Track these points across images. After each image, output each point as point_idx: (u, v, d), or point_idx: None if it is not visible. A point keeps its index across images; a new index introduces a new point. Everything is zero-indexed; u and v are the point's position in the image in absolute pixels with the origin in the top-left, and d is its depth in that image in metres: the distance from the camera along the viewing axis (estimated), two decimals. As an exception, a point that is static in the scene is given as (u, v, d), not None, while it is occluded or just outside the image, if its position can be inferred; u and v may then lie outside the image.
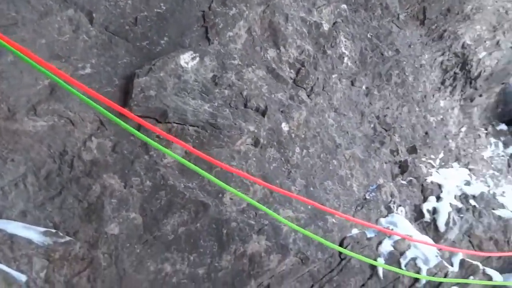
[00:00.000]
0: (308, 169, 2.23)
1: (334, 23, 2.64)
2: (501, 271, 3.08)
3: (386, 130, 2.85)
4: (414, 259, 2.13)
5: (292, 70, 2.35)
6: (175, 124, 1.87)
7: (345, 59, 2.63)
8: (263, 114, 2.13)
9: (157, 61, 1.88)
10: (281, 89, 2.26)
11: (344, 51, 2.64)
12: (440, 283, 2.10)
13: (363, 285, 2.01)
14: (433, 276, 2.06)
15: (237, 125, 2.01)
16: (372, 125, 2.77)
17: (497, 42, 4.36)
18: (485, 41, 4.29)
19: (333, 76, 2.53)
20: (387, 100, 2.97)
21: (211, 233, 1.82)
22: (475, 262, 2.85)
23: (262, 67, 2.21)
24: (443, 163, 3.40)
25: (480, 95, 4.54)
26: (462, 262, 2.77)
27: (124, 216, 1.70)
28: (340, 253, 2.06)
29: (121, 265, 1.66)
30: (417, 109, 3.48)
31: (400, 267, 2.08)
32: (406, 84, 3.28)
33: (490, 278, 2.89)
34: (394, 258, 2.09)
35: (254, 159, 2.06)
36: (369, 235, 2.17)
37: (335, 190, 2.28)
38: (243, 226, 1.87)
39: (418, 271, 2.09)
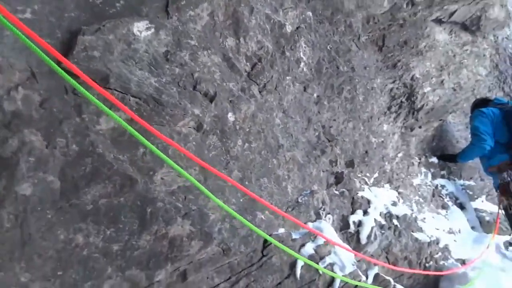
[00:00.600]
0: (247, 163, 2.23)
1: (297, 28, 2.68)
2: (410, 288, 3.30)
3: (329, 141, 2.94)
4: (332, 264, 2.21)
5: (248, 63, 2.34)
6: (115, 91, 1.77)
7: (302, 64, 2.69)
8: (211, 100, 2.10)
9: (108, 23, 1.78)
10: (234, 79, 2.24)
11: (302, 56, 2.69)
12: (351, 290, 2.20)
13: (279, 283, 2.03)
14: (345, 284, 2.15)
15: (182, 105, 1.95)
16: (317, 133, 2.84)
17: (442, 81, 4.72)
18: (431, 78, 4.63)
19: (288, 78, 2.57)
20: (335, 113, 3.07)
21: (134, 210, 1.74)
22: (388, 277, 3.02)
23: (218, 53, 2.18)
24: (376, 182, 3.59)
25: (420, 127, 4.87)
26: (376, 276, 2.93)
27: (41, 178, 1.57)
28: (262, 249, 2.07)
29: (27, 229, 1.53)
30: (361, 127, 3.64)
31: (317, 270, 2.14)
32: (355, 101, 3.43)
33: (399, 293, 3.08)
34: (313, 261, 2.14)
35: (194, 143, 2.01)
36: (294, 237, 2.22)
37: (269, 188, 2.30)
38: (170, 208, 1.81)
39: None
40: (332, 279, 2.16)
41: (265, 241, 2.10)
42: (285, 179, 2.42)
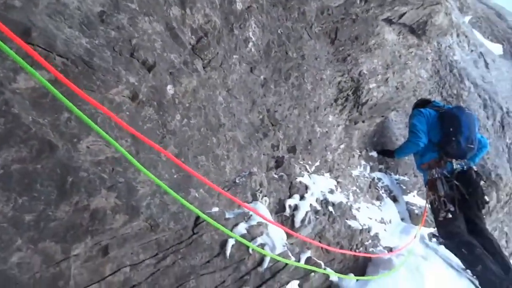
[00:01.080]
0: (185, 139, 2.16)
1: (248, 7, 2.63)
2: (340, 273, 3.45)
3: (272, 125, 2.95)
4: (263, 245, 2.23)
5: (193, 36, 2.26)
6: (38, 48, 1.61)
7: (250, 44, 2.65)
8: (149, 69, 1.99)
9: (34, -30, 1.60)
10: (176, 51, 2.15)
11: (251, 36, 2.65)
12: (279, 270, 2.23)
13: (208, 261, 2.01)
14: (274, 264, 2.18)
15: (115, 71, 1.83)
16: (261, 116, 2.83)
17: (387, 79, 4.93)
18: (377, 75, 4.82)
19: (234, 56, 2.52)
20: (281, 98, 3.08)
21: (52, 178, 1.61)
22: (319, 261, 3.13)
23: (161, 21, 2.07)
24: (316, 170, 3.68)
25: (363, 121, 5.07)
26: (308, 259, 3.02)
27: None
28: (193, 227, 2.03)
29: None
30: (307, 116, 3.70)
31: (248, 250, 2.15)
32: (302, 89, 3.47)
33: (328, 276, 3.21)
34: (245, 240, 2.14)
35: (127, 113, 1.90)
36: (227, 216, 2.20)
37: (207, 166, 2.25)
38: (94, 179, 1.70)
39: (263, 256, 2.19)
40: (262, 259, 2.18)
41: (197, 219, 2.06)
42: (224, 158, 2.38)
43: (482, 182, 4.71)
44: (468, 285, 4.68)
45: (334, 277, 3.22)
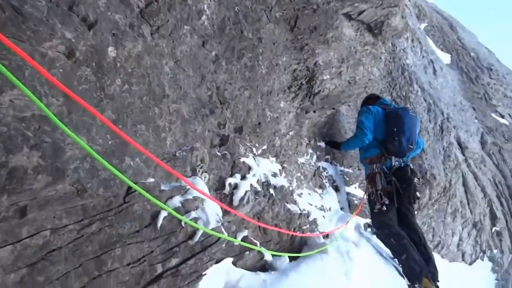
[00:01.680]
0: (124, 106, 2.08)
1: (205, -22, 2.56)
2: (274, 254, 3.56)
3: (221, 103, 2.93)
4: (196, 219, 2.23)
5: (142, 0, 2.16)
6: (-43, -16, 1.46)
7: (204, 17, 2.59)
8: (90, 27, 1.88)
9: None
10: (122, 12, 2.04)
11: (205, 9, 2.59)
12: (211, 245, 2.25)
13: (137, 231, 1.98)
14: (206, 238, 2.20)
15: (50, 23, 1.71)
16: (209, 93, 2.80)
17: (340, 73, 5.07)
18: (332, 67, 4.94)
19: (186, 27, 2.45)
20: (232, 77, 3.07)
21: (-34, 130, 1.48)
22: (255, 241, 3.21)
23: (107, -22, 1.95)
24: (262, 153, 3.73)
25: (314, 111, 5.20)
26: (244, 239, 3.08)
27: None
28: (125, 196, 1.98)
29: None
30: (259, 99, 3.72)
31: (180, 223, 2.14)
32: (256, 71, 3.47)
33: (263, 255, 3.31)
34: (178, 213, 2.13)
35: (61, 70, 1.79)
36: (162, 188, 2.17)
37: (146, 136, 2.19)
38: (15, 135, 1.59)
39: (195, 230, 2.20)
40: (194, 233, 2.19)
41: (130, 187, 2.01)
42: (165, 130, 2.33)
43: (416, 180, 5.08)
44: (393, 271, 5.05)
45: (268, 256, 3.31)
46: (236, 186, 2.81)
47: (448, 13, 14.92)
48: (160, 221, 2.05)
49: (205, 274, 2.21)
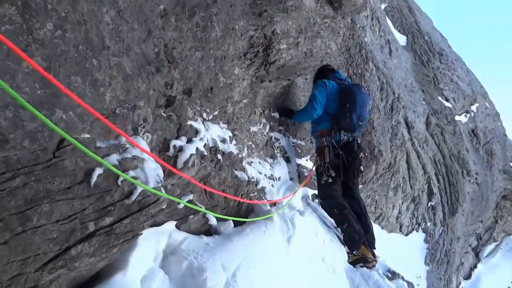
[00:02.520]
0: (57, 54, 1.91)
1: None
2: (220, 219, 3.59)
3: (169, 62, 2.80)
4: (134, 178, 2.17)
5: None
6: None
7: (151, -34, 2.41)
8: (14, -41, 1.68)
9: None
10: None
11: (154, -43, 2.41)
12: (149, 205, 2.21)
13: (68, 187, 1.88)
14: (144, 198, 2.15)
15: None
16: (156, 50, 2.66)
17: (297, 43, 5.05)
18: (290, 37, 4.90)
19: (130, -25, 2.27)
20: (183, 36, 2.93)
21: None
22: (200, 205, 3.20)
23: None
24: (213, 119, 3.67)
25: (270, 81, 5.18)
26: (190, 201, 3.07)
27: None
28: (55, 150, 1.86)
29: None
30: (212, 63, 3.61)
31: (117, 181, 2.07)
32: (209, 33, 3.34)
33: (207, 220, 3.32)
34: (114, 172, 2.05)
35: (-23, 6, 1.59)
36: (99, 144, 2.06)
37: (81, 89, 2.05)
38: None
39: (134, 188, 2.14)
40: (130, 192, 2.13)
41: (61, 142, 1.89)
42: (104, 85, 2.19)
43: (361, 154, 5.32)
44: (335, 239, 5.33)
45: (213, 221, 3.34)
46: (181, 149, 2.75)
47: (409, -4, 15.25)
48: (94, 179, 1.96)
49: (141, 234, 2.17)
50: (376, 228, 8.47)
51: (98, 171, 1.99)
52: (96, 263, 2.06)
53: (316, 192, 5.82)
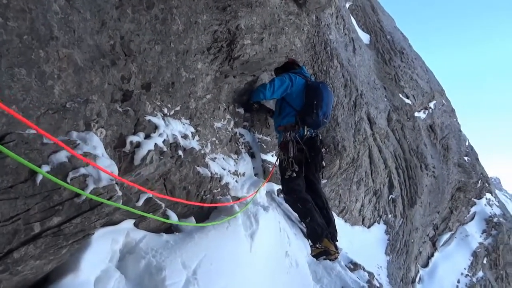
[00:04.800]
0: (-3, 43, 1.78)
1: None
2: (181, 216, 3.54)
3: (126, 55, 2.70)
4: (85, 176, 2.07)
5: None
6: None
7: (104, -47, 2.30)
8: None
9: None
10: None
11: None
12: (101, 203, 2.12)
13: (10, 186, 1.76)
14: (98, 196, 2.06)
15: None
16: (112, 42, 2.55)
17: (262, 39, 5.04)
18: (254, 33, 4.87)
19: (80, -39, 2.15)
20: (141, 28, 2.83)
21: None
22: (160, 202, 3.13)
23: None
24: (175, 114, 3.59)
25: (234, 76, 5.14)
26: (148, 200, 2.99)
27: None
28: None
29: None
30: (173, 57, 3.52)
31: (65, 179, 1.97)
32: (169, 26, 3.25)
33: (168, 217, 3.25)
34: (63, 170, 1.95)
35: None
36: (46, 141, 1.95)
37: (27, 81, 1.92)
38: None
39: (84, 187, 2.05)
40: (81, 190, 2.03)
41: (2, 138, 1.77)
42: (53, 78, 2.07)
43: (323, 150, 5.43)
44: (299, 233, 5.41)
45: (174, 218, 3.27)
46: (138, 145, 2.66)
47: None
48: (40, 177, 1.85)
49: (93, 234, 2.09)
50: (339, 222, 8.71)
51: (45, 168, 1.88)
52: (43, 266, 1.95)
53: (280, 187, 5.87)
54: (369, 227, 9.55)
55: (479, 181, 15.67)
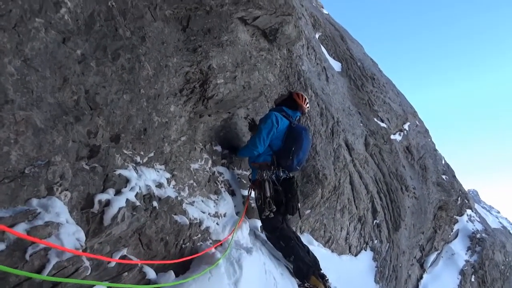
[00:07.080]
0: None
1: (66, -35, 2.20)
2: (160, 270, 3.33)
3: (91, 109, 2.58)
4: (46, 250, 1.89)
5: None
6: None
7: (64, 10, 2.22)
8: None
9: None
10: None
11: (66, 1, 2.23)
12: (67, 276, 1.94)
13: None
14: (59, 270, 1.87)
15: None
16: (75, 97, 2.44)
17: (235, 77, 5.04)
18: (226, 71, 4.87)
19: (37, 20, 2.07)
20: (106, 79, 2.74)
21: None
22: (135, 259, 2.94)
23: None
24: (149, 161, 3.45)
25: (209, 115, 5.08)
26: (123, 257, 2.79)
27: None
28: None
29: None
30: (144, 103, 3.43)
31: (24, 255, 1.78)
32: (137, 73, 3.18)
33: (145, 275, 3.05)
34: (20, 246, 1.78)
35: None
36: (1, 214, 1.78)
37: (-22, 151, 1.77)
38: None
39: (46, 261, 1.86)
40: (42, 266, 1.85)
41: None
42: (9, 143, 1.93)
43: (298, 192, 5.40)
44: (286, 272, 5.22)
45: (151, 275, 3.08)
46: (108, 203, 2.50)
47: (340, 25, 16.33)
48: (-8, 258, 1.67)
49: (56, 314, 1.88)
50: (326, 252, 8.55)
51: (1, 246, 1.70)
52: None
53: (262, 223, 5.70)
54: (356, 255, 9.41)
55: (459, 198, 15.94)
